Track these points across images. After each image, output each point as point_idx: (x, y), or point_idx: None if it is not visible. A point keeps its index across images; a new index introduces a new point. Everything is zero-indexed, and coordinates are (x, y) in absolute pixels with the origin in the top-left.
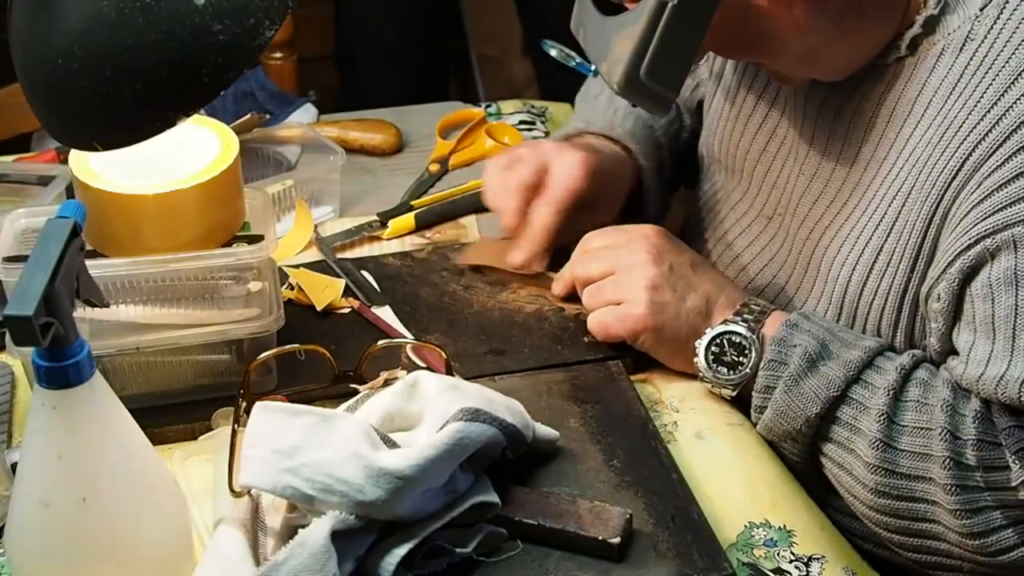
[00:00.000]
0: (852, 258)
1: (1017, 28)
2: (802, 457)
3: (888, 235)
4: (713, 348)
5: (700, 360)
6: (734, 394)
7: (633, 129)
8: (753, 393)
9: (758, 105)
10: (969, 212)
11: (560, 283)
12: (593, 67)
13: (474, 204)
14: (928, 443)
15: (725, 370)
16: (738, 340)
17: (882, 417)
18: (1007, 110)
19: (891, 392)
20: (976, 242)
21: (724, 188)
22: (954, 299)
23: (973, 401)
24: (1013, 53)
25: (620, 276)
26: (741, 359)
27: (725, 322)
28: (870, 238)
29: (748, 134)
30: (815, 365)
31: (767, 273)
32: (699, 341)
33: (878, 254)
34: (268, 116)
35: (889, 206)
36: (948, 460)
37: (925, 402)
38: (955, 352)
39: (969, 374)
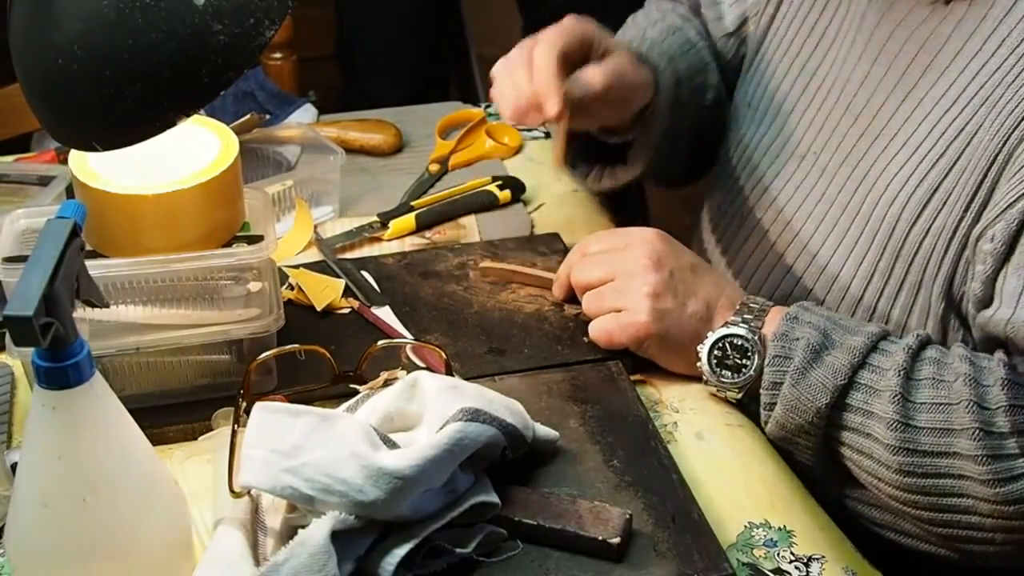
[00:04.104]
0: (903, 196)
1: None
2: (816, 450)
3: (947, 174)
4: (716, 352)
5: (704, 365)
6: (740, 396)
7: (648, 52)
8: (761, 390)
9: (804, 46)
10: None
11: (558, 285)
12: None
13: (474, 204)
14: (949, 418)
15: (729, 374)
16: (740, 342)
17: (896, 398)
18: None
19: (902, 372)
20: None
21: (756, 135)
22: (1009, 240)
23: (997, 370)
24: None
25: (620, 283)
26: (744, 361)
27: (726, 324)
28: (924, 175)
29: (779, 74)
30: (819, 356)
31: (801, 214)
32: (701, 347)
33: (933, 193)
34: (268, 116)
35: (950, 145)
36: (977, 431)
37: (941, 379)
38: (991, 302)
39: (1002, 317)
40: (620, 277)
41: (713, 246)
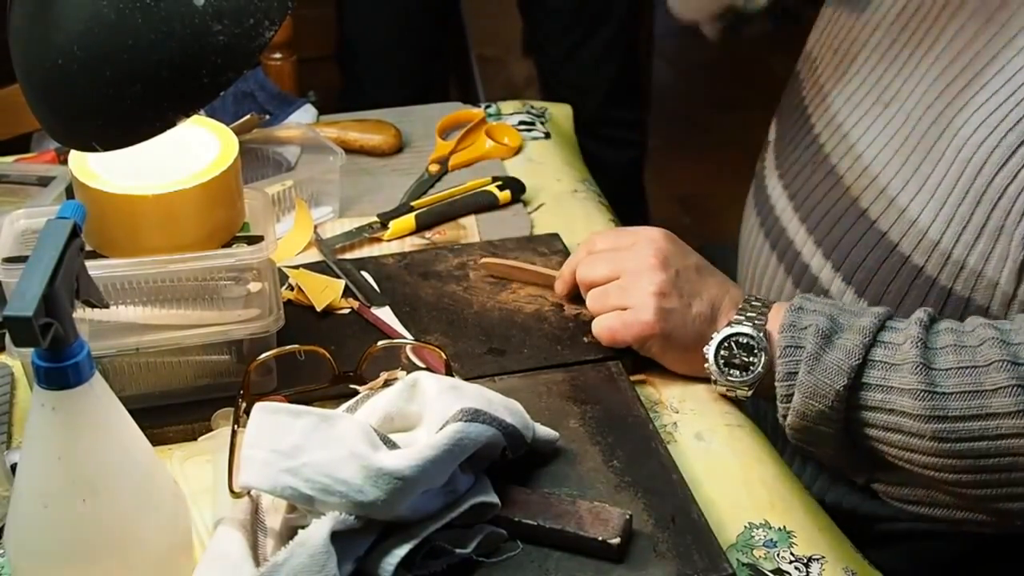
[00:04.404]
0: (992, 140)
1: None
2: (838, 437)
3: None
4: (722, 352)
5: (711, 366)
6: (750, 394)
7: None
8: (776, 383)
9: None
10: None
11: (561, 282)
12: None
13: (474, 204)
14: (979, 379)
15: (737, 372)
16: (745, 340)
17: (918, 368)
18: None
19: (918, 343)
20: None
21: (839, 83)
22: None
23: None
24: None
25: (626, 281)
26: (751, 359)
27: (730, 324)
28: (1018, 121)
29: (870, 25)
30: (830, 340)
31: (882, 159)
32: (707, 347)
33: None
34: (268, 116)
35: None
36: (1014, 388)
37: (962, 345)
38: None
39: None
40: (626, 275)
41: (780, 191)
